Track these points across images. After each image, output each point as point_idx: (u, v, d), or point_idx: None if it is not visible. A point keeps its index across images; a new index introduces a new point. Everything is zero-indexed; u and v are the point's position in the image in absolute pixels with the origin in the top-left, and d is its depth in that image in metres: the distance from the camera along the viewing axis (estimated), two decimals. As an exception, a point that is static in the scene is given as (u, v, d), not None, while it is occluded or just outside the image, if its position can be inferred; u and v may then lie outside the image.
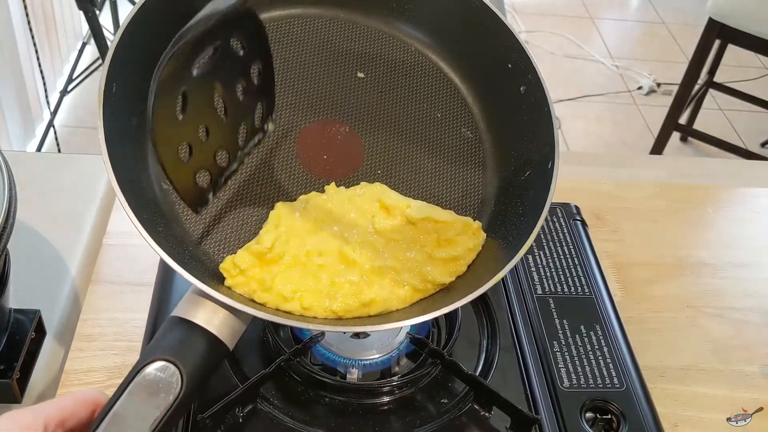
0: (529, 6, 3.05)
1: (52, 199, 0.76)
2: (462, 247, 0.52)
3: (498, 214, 0.56)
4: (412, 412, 0.57)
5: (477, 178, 0.58)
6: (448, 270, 0.51)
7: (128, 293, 0.68)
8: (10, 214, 0.52)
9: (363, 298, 0.49)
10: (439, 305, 0.48)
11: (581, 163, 0.94)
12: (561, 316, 0.65)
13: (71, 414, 0.41)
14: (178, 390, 0.42)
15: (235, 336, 0.46)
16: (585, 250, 0.72)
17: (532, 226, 0.50)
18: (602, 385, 0.59)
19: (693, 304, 0.73)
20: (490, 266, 0.50)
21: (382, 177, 0.56)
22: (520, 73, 0.56)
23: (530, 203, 0.53)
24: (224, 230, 0.51)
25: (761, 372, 0.67)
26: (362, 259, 0.50)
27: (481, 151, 0.59)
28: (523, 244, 0.49)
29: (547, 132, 0.54)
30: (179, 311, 0.45)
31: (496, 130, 0.59)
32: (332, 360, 0.59)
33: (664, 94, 2.62)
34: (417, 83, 0.60)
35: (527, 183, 0.55)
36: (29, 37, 1.76)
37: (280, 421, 0.54)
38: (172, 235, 0.49)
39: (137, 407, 0.42)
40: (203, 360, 0.44)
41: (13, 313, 0.59)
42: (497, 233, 0.54)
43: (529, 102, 0.56)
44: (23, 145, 1.89)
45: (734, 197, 0.90)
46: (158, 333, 0.45)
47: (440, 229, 0.52)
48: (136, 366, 0.43)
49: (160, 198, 0.50)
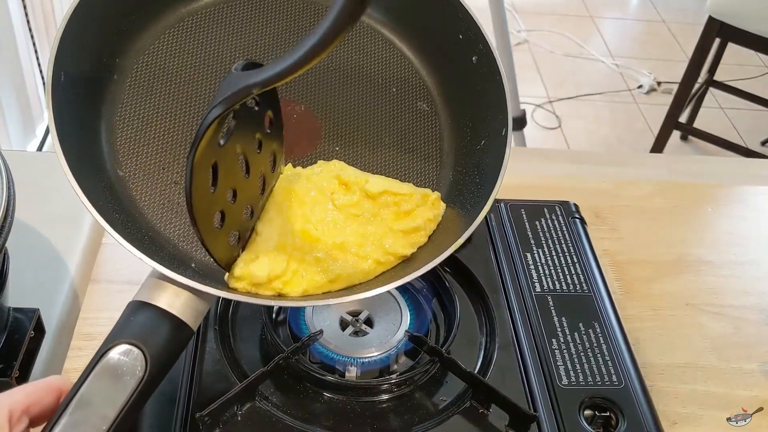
0: (529, 5, 3.05)
1: (52, 198, 0.76)
2: (421, 218, 0.53)
3: (456, 184, 0.57)
4: (410, 410, 0.57)
5: (434, 149, 0.58)
6: (409, 241, 0.52)
7: (127, 292, 0.67)
8: (9, 213, 0.52)
9: (329, 275, 0.49)
10: (400, 275, 0.49)
11: (581, 162, 0.94)
12: (560, 314, 0.65)
13: (36, 401, 0.41)
14: (143, 373, 0.43)
15: (198, 317, 0.46)
16: (584, 248, 0.72)
17: (489, 194, 0.51)
18: (601, 382, 0.59)
19: (692, 302, 0.73)
20: (450, 235, 0.51)
21: (340, 154, 0.56)
22: (471, 43, 0.57)
23: (487, 171, 0.54)
24: (183, 216, 0.51)
25: (760, 370, 0.67)
26: (325, 236, 0.51)
27: (437, 123, 0.59)
28: (479, 213, 0.51)
29: (500, 100, 0.55)
30: (140, 295, 0.45)
31: (451, 101, 0.60)
32: (331, 358, 0.59)
33: (664, 92, 2.62)
34: (371, 59, 0.60)
35: (483, 152, 0.56)
36: (29, 37, 1.76)
37: (279, 419, 0.54)
38: (130, 221, 0.49)
39: (102, 391, 0.42)
40: (167, 342, 0.44)
41: (12, 311, 0.59)
42: (456, 202, 0.55)
43: (481, 72, 0.56)
44: (23, 145, 1.89)
45: (734, 195, 0.90)
46: (120, 318, 0.45)
47: (399, 201, 0.53)
48: (99, 351, 0.43)
49: (117, 185, 0.50)
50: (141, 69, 0.54)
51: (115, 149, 0.51)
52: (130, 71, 0.54)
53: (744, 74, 2.53)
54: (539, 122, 2.46)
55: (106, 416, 0.41)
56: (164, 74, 0.55)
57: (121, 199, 0.50)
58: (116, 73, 0.53)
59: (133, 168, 0.52)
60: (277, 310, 0.64)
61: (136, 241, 0.45)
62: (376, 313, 0.62)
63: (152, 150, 0.52)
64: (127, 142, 0.52)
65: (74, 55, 0.49)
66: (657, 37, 2.97)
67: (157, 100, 0.54)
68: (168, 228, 0.51)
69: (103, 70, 0.52)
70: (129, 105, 0.53)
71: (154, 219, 0.51)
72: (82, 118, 0.50)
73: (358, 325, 0.61)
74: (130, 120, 0.53)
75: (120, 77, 0.53)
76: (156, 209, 0.51)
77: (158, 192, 0.52)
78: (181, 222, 0.51)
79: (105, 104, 0.52)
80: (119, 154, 0.51)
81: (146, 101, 0.53)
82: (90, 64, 0.51)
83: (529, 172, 0.88)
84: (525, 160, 0.93)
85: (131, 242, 0.45)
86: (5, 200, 0.52)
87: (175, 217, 0.51)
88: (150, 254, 0.45)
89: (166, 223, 0.51)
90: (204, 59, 0.56)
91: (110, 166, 0.51)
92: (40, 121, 2.00)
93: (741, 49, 2.00)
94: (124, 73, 0.53)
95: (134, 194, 0.51)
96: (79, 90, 0.50)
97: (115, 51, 0.53)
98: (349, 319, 0.61)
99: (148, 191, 0.51)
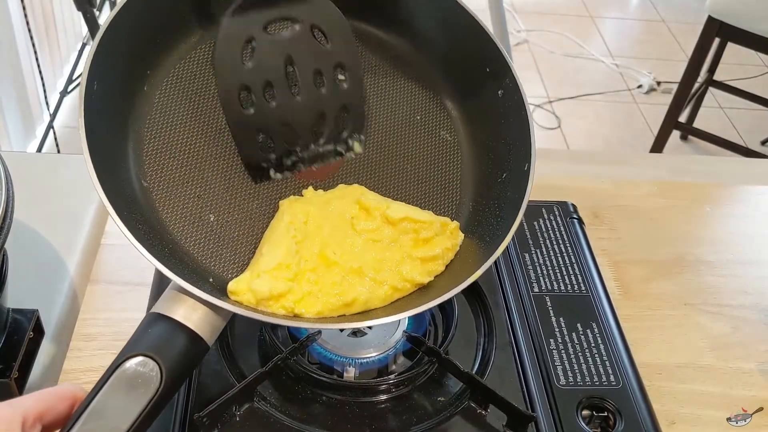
0: (528, 5, 3.05)
1: (51, 199, 0.76)
2: (440, 247, 0.53)
3: (475, 215, 0.57)
4: (408, 410, 0.57)
5: (455, 179, 0.58)
6: (426, 269, 0.52)
7: (126, 293, 0.68)
8: (8, 214, 0.52)
9: (345, 298, 0.49)
10: (416, 303, 0.49)
11: (580, 162, 0.94)
12: (558, 314, 0.65)
13: (50, 408, 0.41)
14: (158, 385, 0.42)
15: (214, 332, 0.46)
16: (582, 248, 0.72)
17: (509, 228, 0.51)
18: (599, 382, 0.59)
19: (690, 302, 0.73)
20: (468, 266, 0.51)
21: (362, 179, 0.57)
22: (498, 76, 0.57)
23: (507, 205, 0.54)
24: (204, 230, 0.52)
25: (759, 369, 0.67)
26: (342, 259, 0.51)
27: (459, 153, 0.59)
28: (499, 245, 0.50)
29: (524, 135, 0.55)
30: (159, 308, 0.45)
31: (474, 133, 0.60)
32: (329, 358, 0.59)
33: (663, 92, 2.62)
34: (396, 86, 0.60)
35: (504, 185, 0.55)
36: (29, 38, 1.77)
37: (277, 420, 0.55)
38: (152, 232, 0.49)
39: (116, 402, 0.42)
40: (182, 356, 0.44)
41: (12, 312, 0.59)
42: (475, 233, 0.55)
43: (507, 105, 0.56)
44: (23, 146, 1.90)
45: (733, 195, 0.90)
46: (138, 329, 0.45)
47: (419, 229, 0.53)
48: (116, 361, 0.43)
49: (140, 196, 0.51)
50: (171, 82, 0.54)
51: (141, 160, 0.52)
52: (160, 84, 0.54)
53: (744, 74, 2.53)
54: (539, 122, 2.46)
55: (118, 428, 0.41)
56: (193, 89, 0.55)
57: (144, 210, 0.50)
58: (147, 85, 0.53)
59: (157, 179, 0.52)
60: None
61: (157, 253, 0.45)
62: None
63: (177, 163, 0.53)
64: (152, 154, 0.52)
65: (108, 64, 0.49)
66: (657, 37, 2.97)
67: (184, 113, 0.54)
68: (188, 242, 0.51)
69: (133, 82, 0.52)
70: (156, 117, 0.53)
71: (175, 232, 0.51)
72: (110, 127, 0.50)
73: (356, 326, 0.61)
74: (158, 132, 0.53)
75: (150, 89, 0.53)
76: (177, 222, 0.51)
77: (180, 205, 0.52)
78: (201, 236, 0.51)
79: (133, 115, 0.52)
80: (145, 165, 0.52)
81: (174, 114, 0.54)
82: (122, 74, 0.51)
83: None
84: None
85: (153, 254, 0.45)
86: (4, 201, 0.52)
87: (196, 231, 0.51)
88: (170, 267, 0.45)
89: (186, 236, 0.51)
90: None
91: (135, 176, 0.51)
92: (40, 122, 2.00)
93: (741, 48, 2.00)
94: (154, 86, 0.54)
95: (157, 206, 0.51)
96: (109, 100, 0.50)
97: (147, 63, 0.53)
98: (348, 320, 0.62)
99: (170, 203, 0.52)
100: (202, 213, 0.52)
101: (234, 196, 0.53)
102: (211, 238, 0.52)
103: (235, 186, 0.54)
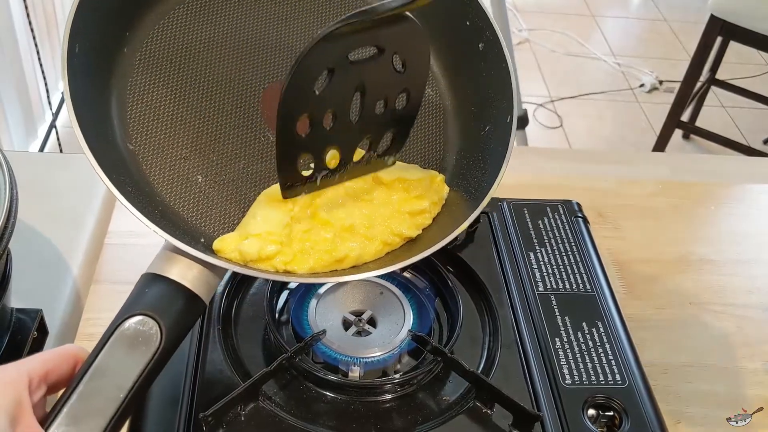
0: (530, 4, 3.05)
1: (54, 199, 0.76)
2: (427, 201, 0.54)
3: (460, 169, 0.57)
4: (413, 410, 0.57)
5: (438, 134, 0.59)
6: (414, 223, 0.53)
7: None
8: (12, 214, 0.52)
9: (337, 254, 0.50)
10: (406, 256, 0.50)
11: (583, 161, 0.94)
12: (563, 313, 0.65)
13: (54, 368, 0.42)
14: (158, 343, 0.43)
15: (210, 290, 0.47)
16: (587, 247, 0.72)
17: (493, 180, 0.52)
18: (604, 381, 0.59)
19: (695, 301, 0.73)
20: (455, 218, 0.52)
21: None
22: (478, 30, 0.57)
23: (491, 157, 0.54)
24: (192, 192, 0.52)
25: (764, 368, 0.67)
26: (334, 219, 0.51)
27: (441, 108, 0.60)
28: (484, 197, 0.51)
29: (505, 87, 0.55)
30: (153, 268, 0.46)
31: (456, 87, 0.60)
32: (334, 358, 0.59)
33: (666, 91, 2.61)
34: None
35: (487, 138, 0.56)
36: (30, 38, 1.77)
37: (282, 419, 0.54)
38: (142, 194, 0.49)
39: (118, 361, 0.43)
40: (181, 314, 0.45)
41: (15, 312, 0.59)
42: (460, 186, 0.56)
43: (488, 58, 0.57)
44: (25, 146, 1.89)
45: (736, 194, 0.90)
46: (134, 289, 0.46)
47: (410, 187, 0.54)
48: (115, 321, 0.44)
49: (128, 159, 0.51)
50: (150, 44, 0.54)
51: (125, 123, 0.52)
52: (140, 45, 0.53)
53: (746, 73, 2.53)
54: (541, 121, 2.46)
55: (121, 386, 0.42)
56: (174, 50, 0.54)
57: (132, 172, 0.50)
58: (126, 47, 0.53)
59: (142, 142, 0.52)
60: (280, 310, 0.64)
61: (148, 215, 0.46)
62: (379, 313, 0.62)
63: (161, 125, 0.53)
64: (136, 116, 0.52)
65: (87, 26, 0.49)
66: (659, 36, 2.96)
67: (166, 75, 0.54)
68: (177, 203, 0.51)
69: (114, 43, 0.52)
70: (138, 79, 0.53)
71: (164, 194, 0.51)
72: (94, 90, 0.50)
73: (361, 325, 0.61)
74: (140, 94, 0.53)
75: (130, 51, 0.53)
76: (166, 184, 0.51)
77: (168, 167, 0.52)
78: (190, 198, 0.52)
79: (115, 78, 0.52)
80: (129, 128, 0.52)
81: (155, 77, 0.53)
82: (101, 35, 0.51)
83: (532, 171, 0.88)
84: (527, 159, 0.93)
85: (145, 215, 0.45)
86: (8, 201, 0.52)
87: (185, 192, 0.52)
88: (163, 227, 0.45)
89: (175, 198, 0.51)
90: (214, 37, 0.56)
91: (121, 139, 0.51)
92: (42, 122, 2.00)
93: (743, 47, 2.00)
94: (134, 47, 0.53)
95: (144, 168, 0.51)
96: (91, 62, 0.50)
97: (126, 24, 0.53)
98: (352, 319, 0.61)
99: (157, 166, 0.52)
100: (190, 174, 0.52)
101: (221, 157, 0.53)
102: (201, 199, 0.52)
103: (221, 147, 0.54)
